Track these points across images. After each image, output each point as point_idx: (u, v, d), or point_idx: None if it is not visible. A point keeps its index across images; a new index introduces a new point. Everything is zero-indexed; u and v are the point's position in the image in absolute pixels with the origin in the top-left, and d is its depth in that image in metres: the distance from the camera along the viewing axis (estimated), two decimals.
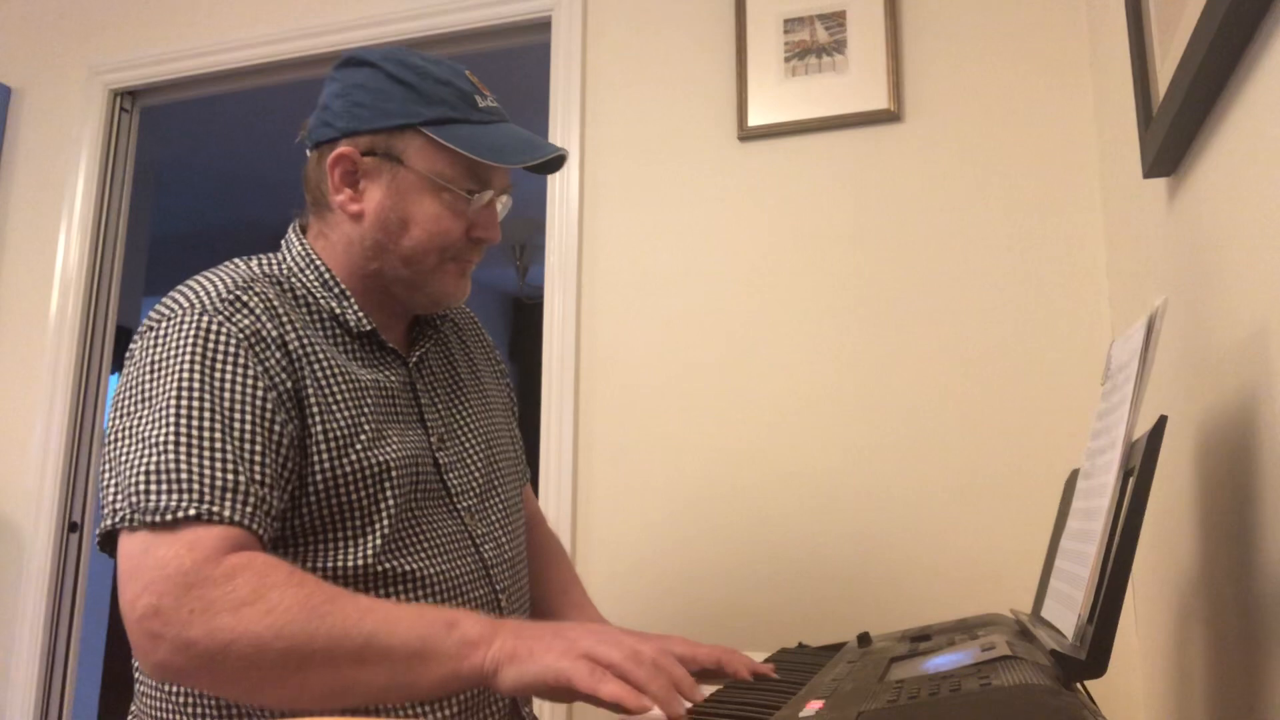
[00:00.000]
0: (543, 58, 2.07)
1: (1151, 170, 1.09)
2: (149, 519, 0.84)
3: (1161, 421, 0.75)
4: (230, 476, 0.87)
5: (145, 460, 0.87)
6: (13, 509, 2.26)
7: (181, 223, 4.61)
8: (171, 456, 0.86)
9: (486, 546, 1.06)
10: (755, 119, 1.85)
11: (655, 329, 1.87)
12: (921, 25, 1.80)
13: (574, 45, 2.01)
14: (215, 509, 0.85)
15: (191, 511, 0.84)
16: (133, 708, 1.01)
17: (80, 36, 2.48)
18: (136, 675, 0.99)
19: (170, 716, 0.95)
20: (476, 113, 1.03)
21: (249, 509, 0.87)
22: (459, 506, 1.05)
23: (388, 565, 0.96)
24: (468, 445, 1.10)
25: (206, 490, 0.85)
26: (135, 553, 0.84)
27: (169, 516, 0.84)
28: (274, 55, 2.28)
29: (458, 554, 1.03)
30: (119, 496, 0.87)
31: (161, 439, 0.87)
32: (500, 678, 0.80)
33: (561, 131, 1.99)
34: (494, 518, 1.10)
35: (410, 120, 1.00)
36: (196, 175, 4.14)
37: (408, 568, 0.97)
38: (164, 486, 0.85)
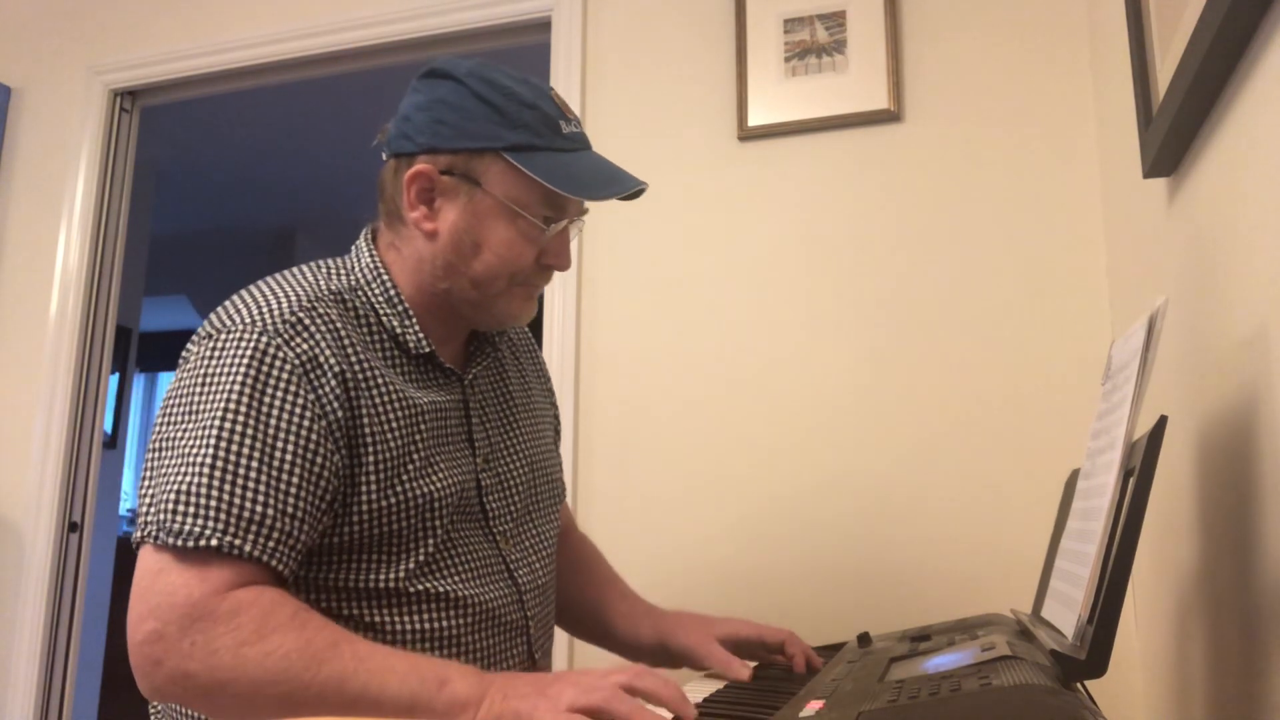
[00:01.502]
0: (543, 58, 2.07)
1: (1151, 170, 1.09)
2: (171, 541, 0.85)
3: (1162, 422, 0.75)
4: (259, 509, 0.87)
5: (180, 478, 0.87)
6: (13, 509, 2.26)
7: (181, 223, 4.61)
8: (205, 480, 0.86)
9: (520, 572, 1.06)
10: (755, 119, 1.85)
11: (655, 329, 1.87)
12: (921, 25, 1.80)
13: (574, 45, 2.01)
14: (237, 542, 0.85)
15: (214, 542, 0.84)
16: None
17: (80, 36, 2.48)
18: None
19: (192, 711, 0.95)
20: (560, 139, 1.00)
21: (271, 544, 0.87)
22: (495, 530, 1.05)
23: (422, 586, 0.96)
24: (512, 468, 1.10)
25: (232, 522, 0.86)
26: (150, 571, 0.85)
27: (190, 543, 0.84)
28: (274, 55, 2.28)
29: (491, 578, 1.02)
30: (150, 509, 0.88)
31: (199, 459, 0.87)
32: None
33: None
34: (529, 543, 1.10)
35: (493, 144, 0.98)
36: (196, 175, 4.14)
37: (442, 589, 0.97)
38: (192, 510, 0.85)
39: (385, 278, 1.03)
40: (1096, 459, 0.86)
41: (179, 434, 0.90)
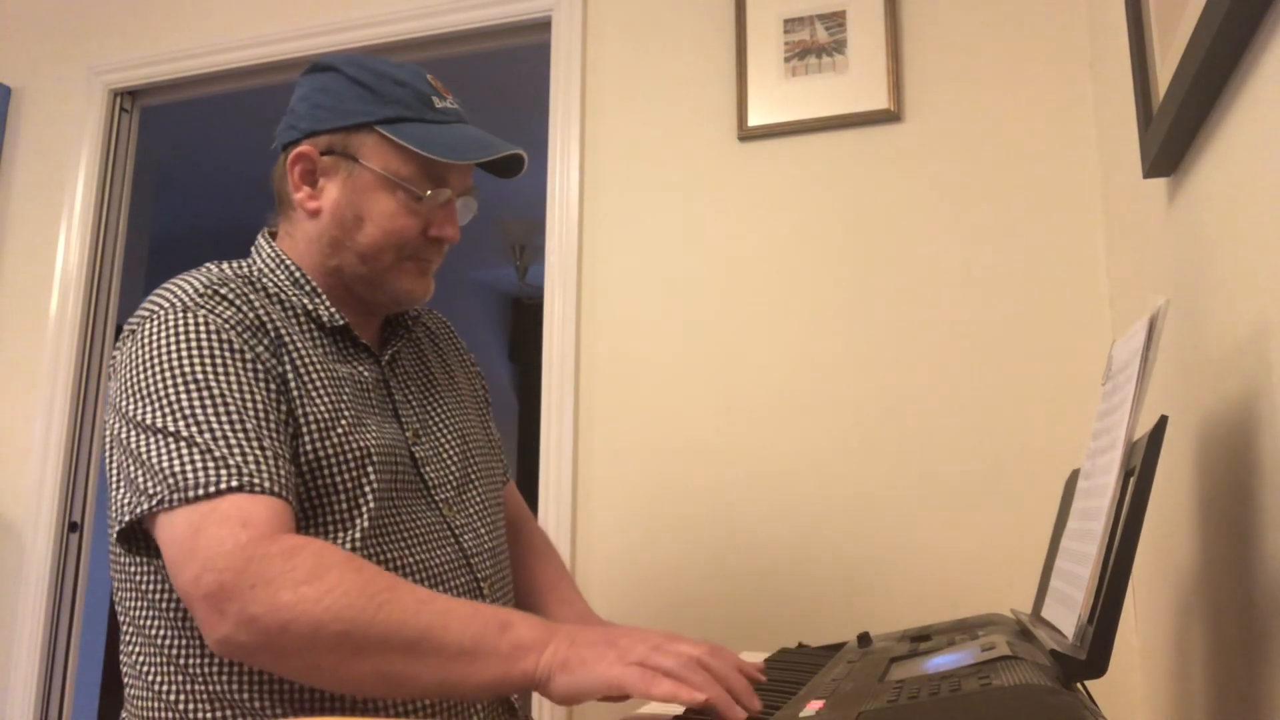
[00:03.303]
0: (543, 58, 2.07)
1: (1151, 170, 1.09)
2: (191, 494, 0.84)
3: (1162, 422, 0.75)
4: (258, 449, 0.88)
5: (170, 447, 0.86)
6: (13, 509, 2.26)
7: (181, 223, 4.61)
8: (197, 437, 0.87)
9: (466, 537, 1.07)
10: (755, 119, 1.85)
11: (655, 329, 1.87)
12: (921, 25, 1.80)
13: (574, 45, 2.01)
14: (255, 480, 0.86)
15: (234, 483, 0.84)
16: (124, 713, 1.00)
17: (80, 36, 2.48)
18: (126, 679, 0.99)
19: (162, 715, 0.95)
20: (432, 113, 1.05)
21: (282, 478, 0.88)
22: (437, 499, 1.06)
23: (370, 554, 0.96)
24: (442, 440, 1.11)
25: (241, 462, 0.86)
26: (185, 536, 0.84)
27: (211, 489, 0.84)
28: (274, 55, 2.28)
29: (437, 544, 1.03)
30: (151, 482, 0.86)
31: (179, 423, 0.87)
32: (553, 685, 0.80)
33: (561, 131, 1.99)
34: (472, 509, 1.10)
35: (365, 119, 1.03)
36: (196, 175, 4.14)
37: (389, 556, 0.98)
38: (198, 464, 0.85)
39: (287, 262, 1.06)
40: (1096, 459, 0.86)
41: (141, 418, 0.89)
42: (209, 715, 0.93)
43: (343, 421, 0.97)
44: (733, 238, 1.85)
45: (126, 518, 0.87)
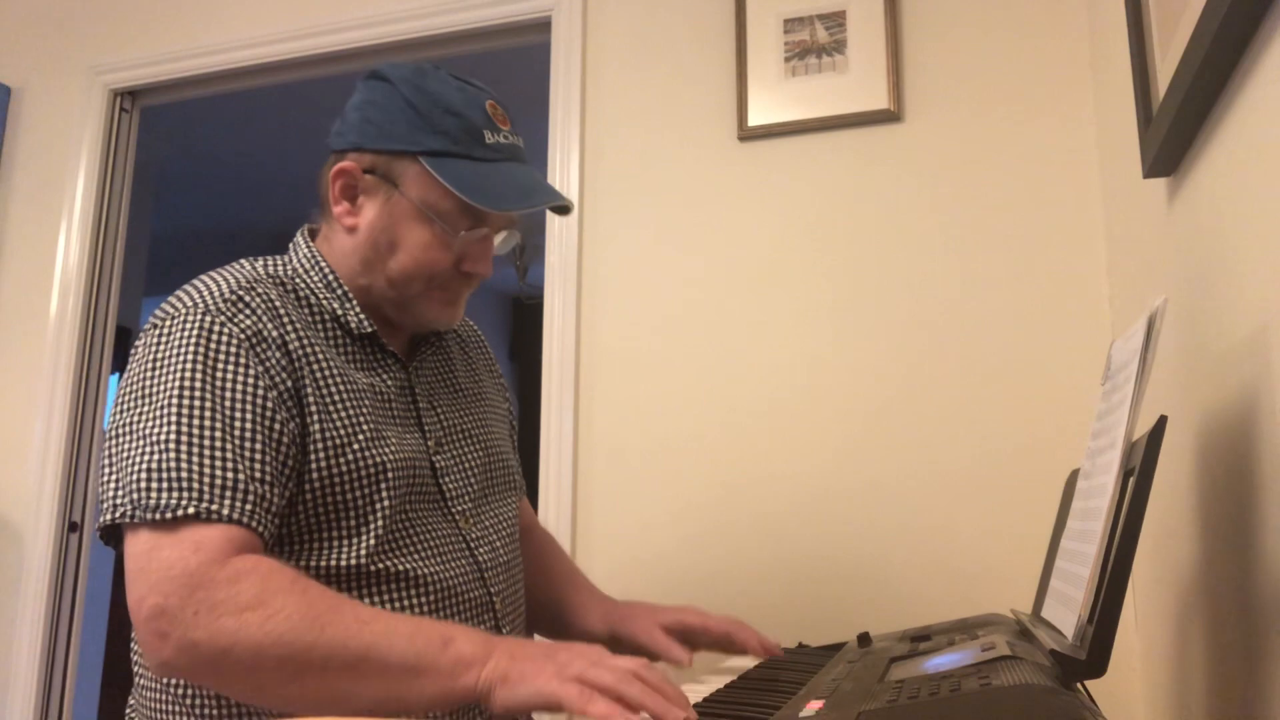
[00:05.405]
0: (543, 58, 2.07)
1: (1151, 170, 1.09)
2: (150, 516, 0.85)
3: (1162, 421, 0.75)
4: (230, 475, 0.88)
5: (146, 458, 0.88)
6: (13, 509, 2.26)
7: (181, 223, 4.61)
8: (172, 455, 0.87)
9: (481, 550, 1.07)
10: (755, 119, 1.85)
11: (655, 329, 1.87)
12: (921, 25, 1.80)
13: (574, 45, 2.01)
14: (214, 507, 0.86)
15: (191, 510, 0.85)
16: (131, 700, 1.02)
17: (80, 36, 2.48)
18: (136, 669, 1.00)
19: (168, 709, 0.96)
20: (480, 149, 1.02)
21: (248, 507, 0.88)
22: (454, 510, 1.06)
23: (381, 565, 0.96)
24: (465, 450, 1.11)
25: (206, 489, 0.87)
26: (141, 553, 0.86)
27: (169, 515, 0.85)
28: (274, 55, 2.28)
29: (451, 556, 1.03)
30: (119, 492, 0.88)
31: (162, 437, 0.88)
32: (493, 699, 0.81)
33: (561, 132, 1.99)
34: (489, 522, 1.10)
35: (410, 148, 1.01)
36: (196, 175, 4.14)
37: (401, 568, 0.97)
38: (164, 485, 0.86)
39: (323, 265, 1.06)
40: (1096, 459, 0.86)
41: (136, 418, 0.91)
42: (214, 710, 0.94)
43: (360, 437, 0.97)
44: (733, 237, 1.85)
45: (97, 523, 0.91)
